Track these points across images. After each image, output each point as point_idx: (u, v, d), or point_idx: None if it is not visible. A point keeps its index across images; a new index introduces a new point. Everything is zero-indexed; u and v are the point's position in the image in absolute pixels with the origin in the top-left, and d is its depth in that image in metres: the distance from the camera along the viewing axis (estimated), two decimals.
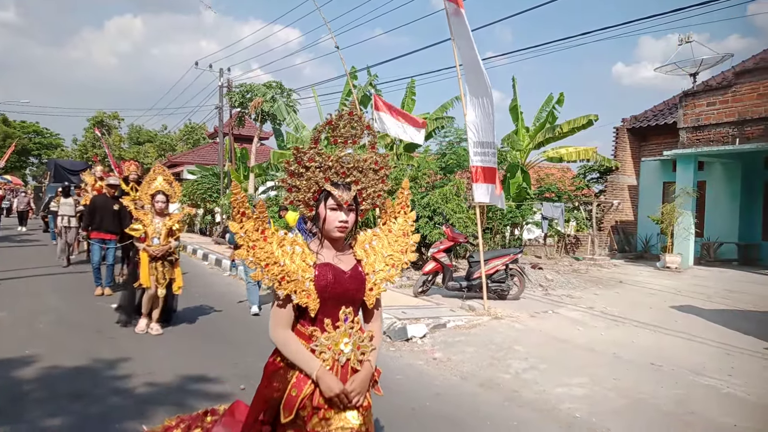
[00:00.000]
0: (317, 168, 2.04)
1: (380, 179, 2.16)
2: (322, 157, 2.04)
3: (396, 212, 2.30)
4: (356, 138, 2.10)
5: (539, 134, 16.10)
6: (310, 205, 2.08)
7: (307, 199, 2.06)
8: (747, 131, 12.86)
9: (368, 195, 2.13)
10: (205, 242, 17.64)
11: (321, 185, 2.04)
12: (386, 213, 2.29)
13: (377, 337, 2.15)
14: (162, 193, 6.11)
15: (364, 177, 2.10)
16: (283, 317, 2.01)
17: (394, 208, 2.29)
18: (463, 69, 7.70)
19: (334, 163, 2.04)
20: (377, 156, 2.15)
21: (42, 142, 51.23)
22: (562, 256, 15.69)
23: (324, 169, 2.04)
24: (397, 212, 2.30)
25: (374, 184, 2.14)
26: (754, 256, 14.42)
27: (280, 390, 1.99)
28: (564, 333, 6.79)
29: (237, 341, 6.04)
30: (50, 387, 4.42)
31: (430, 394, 4.55)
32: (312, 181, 2.05)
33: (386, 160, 2.18)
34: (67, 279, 9.85)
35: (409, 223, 2.30)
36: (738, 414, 4.29)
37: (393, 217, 2.29)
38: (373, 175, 2.14)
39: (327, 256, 2.06)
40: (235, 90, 20.43)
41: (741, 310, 8.52)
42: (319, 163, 2.04)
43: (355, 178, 2.08)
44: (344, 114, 2.09)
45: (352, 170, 2.07)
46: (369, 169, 2.12)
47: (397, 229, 2.26)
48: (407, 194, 2.34)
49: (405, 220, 2.29)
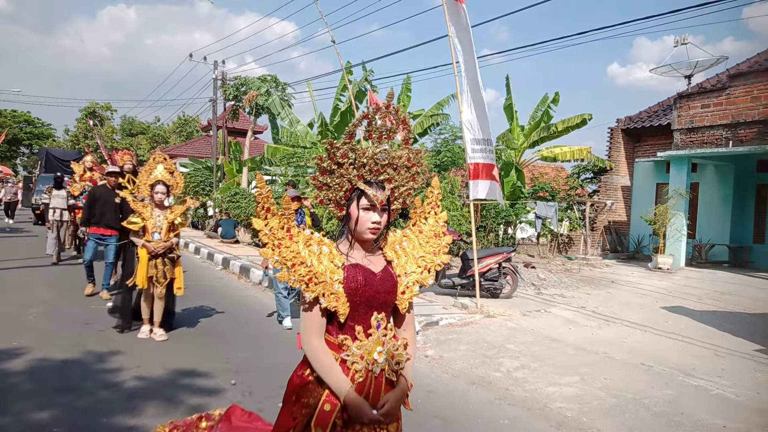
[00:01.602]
0: (350, 165, 1.90)
1: (411, 176, 2.03)
2: (356, 153, 1.90)
3: (426, 212, 2.19)
4: (392, 133, 1.97)
5: (534, 133, 16.14)
6: (341, 204, 1.95)
7: (339, 197, 1.93)
8: (740, 134, 12.93)
9: (400, 194, 2.01)
10: (197, 236, 17.55)
11: (354, 183, 1.91)
12: (416, 213, 2.18)
13: (412, 345, 2.03)
14: (162, 183, 5.61)
15: (397, 175, 1.97)
16: (314, 324, 1.88)
17: (424, 208, 2.19)
18: (460, 65, 7.67)
19: (369, 159, 1.90)
20: (411, 152, 2.02)
21: (33, 131, 50.69)
22: (555, 256, 15.74)
23: (357, 166, 1.90)
24: (428, 212, 2.19)
25: (406, 182, 2.01)
26: (745, 258, 14.53)
27: (310, 406, 1.85)
28: (556, 332, 6.80)
29: (229, 336, 6.00)
30: (38, 379, 4.37)
31: (422, 392, 4.54)
32: (344, 179, 1.91)
33: (419, 156, 2.04)
34: (57, 271, 9.76)
35: (440, 223, 2.19)
36: (727, 415, 4.31)
37: (423, 218, 2.18)
38: (405, 172, 2.00)
39: (356, 257, 1.94)
40: (230, 83, 20.33)
41: (731, 311, 8.58)
42: (353, 159, 1.90)
43: (389, 176, 1.94)
44: (381, 107, 1.95)
45: (386, 168, 1.93)
46: (402, 167, 1.99)
47: (428, 230, 2.15)
48: (437, 194, 2.22)
49: (436, 220, 2.18)
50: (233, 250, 13.43)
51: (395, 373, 1.93)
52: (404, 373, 1.96)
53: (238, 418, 2.67)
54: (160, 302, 5.68)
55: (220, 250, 13.05)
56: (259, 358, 5.19)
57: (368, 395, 1.86)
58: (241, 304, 7.75)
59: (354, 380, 1.85)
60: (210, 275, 10.48)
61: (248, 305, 7.76)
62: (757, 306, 9.00)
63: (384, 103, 1.97)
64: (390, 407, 1.86)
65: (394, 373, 1.93)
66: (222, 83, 21.82)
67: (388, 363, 1.91)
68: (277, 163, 16.28)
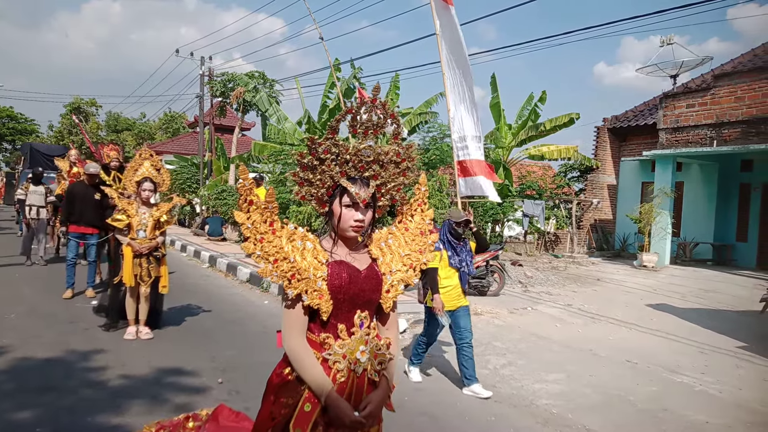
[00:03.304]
0: (333, 161, 1.84)
1: (401, 172, 1.98)
2: (339, 149, 1.84)
3: (413, 210, 2.13)
4: (379, 128, 1.90)
5: (522, 132, 16.21)
6: (323, 201, 1.89)
7: (321, 194, 1.88)
8: (724, 134, 13.10)
9: (387, 190, 1.95)
10: (184, 233, 17.40)
11: (336, 180, 1.85)
12: (402, 210, 2.12)
13: (395, 344, 1.99)
14: (149, 180, 5.50)
15: (384, 171, 1.91)
16: (296, 322, 1.81)
17: (411, 205, 2.12)
18: (448, 64, 7.67)
19: (352, 156, 1.84)
20: (400, 148, 1.96)
21: (16, 127, 49.86)
22: (542, 254, 15.84)
23: (340, 163, 1.85)
24: (414, 210, 2.13)
25: (394, 178, 1.96)
26: (728, 256, 14.74)
27: (289, 406, 1.79)
28: (542, 329, 6.85)
29: (215, 335, 5.95)
30: (20, 379, 4.30)
31: (409, 389, 4.55)
32: (326, 176, 1.85)
33: (410, 151, 1.98)
34: (39, 270, 9.60)
35: (427, 221, 2.13)
36: (710, 411, 4.37)
37: (410, 215, 2.12)
38: (393, 168, 1.95)
39: (340, 254, 1.88)
40: (217, 79, 20.13)
41: (715, 309, 8.70)
42: (335, 155, 1.84)
43: (375, 173, 1.88)
44: (366, 101, 1.89)
45: (372, 164, 1.87)
46: (390, 163, 1.92)
47: (414, 228, 2.09)
48: (424, 191, 2.16)
49: (422, 218, 2.13)
50: (220, 247, 13.34)
51: (377, 374, 1.89)
52: (387, 374, 1.92)
53: (225, 418, 2.64)
54: (145, 301, 5.60)
55: (207, 248, 12.94)
56: (245, 357, 5.16)
57: (350, 396, 1.82)
58: (227, 302, 7.70)
59: (335, 380, 1.80)
60: (196, 273, 10.39)
61: (235, 303, 7.70)
62: (739, 303, 9.13)
63: (370, 97, 1.91)
64: (372, 409, 1.81)
65: (376, 373, 1.89)
66: (209, 79, 21.62)
67: (370, 363, 1.86)
68: (265, 161, 16.18)
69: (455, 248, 4.75)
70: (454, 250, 4.74)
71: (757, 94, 12.48)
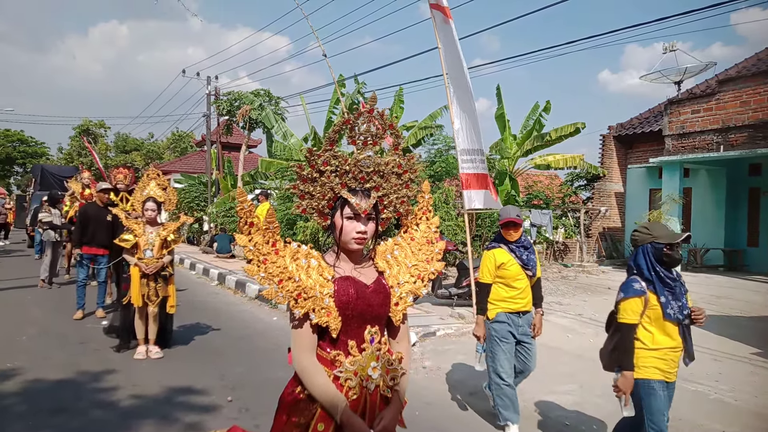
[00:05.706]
0: (332, 172, 1.82)
1: (404, 184, 1.94)
2: (339, 160, 1.82)
3: (418, 219, 2.09)
4: (377, 139, 1.88)
5: (527, 142, 16.21)
6: (324, 213, 1.87)
7: (321, 206, 1.85)
8: (731, 138, 13.04)
9: (390, 202, 1.91)
10: (193, 251, 17.48)
11: (337, 192, 1.83)
12: (407, 220, 2.08)
13: (406, 358, 1.94)
14: (152, 199, 5.52)
15: (385, 182, 1.88)
16: (305, 341, 1.78)
17: (415, 214, 2.08)
18: (449, 78, 7.72)
19: (352, 167, 1.82)
20: (401, 158, 1.94)
21: (27, 150, 50.60)
22: (551, 263, 15.74)
23: (340, 174, 1.82)
24: (419, 219, 2.09)
25: (397, 190, 1.92)
26: (739, 261, 14.58)
27: (301, 426, 1.77)
28: (553, 340, 6.78)
29: (224, 352, 5.96)
30: (32, 400, 4.33)
31: (420, 403, 4.51)
32: (327, 187, 1.83)
33: (411, 162, 1.95)
34: (50, 292, 9.66)
35: (432, 229, 2.09)
36: (725, 419, 4.31)
37: (415, 224, 2.08)
38: (396, 179, 1.91)
39: (345, 269, 1.85)
40: (223, 98, 20.36)
41: (728, 315, 8.58)
42: (335, 166, 1.82)
43: (376, 184, 1.85)
44: (363, 112, 1.87)
45: (372, 175, 1.84)
46: (391, 174, 1.90)
47: (420, 237, 2.05)
48: (428, 198, 2.11)
49: (428, 226, 2.08)
50: (229, 265, 13.38)
51: (390, 389, 1.87)
52: (399, 389, 1.90)
53: None
54: (154, 321, 5.61)
55: (216, 265, 12.99)
56: (255, 374, 5.16)
57: (363, 413, 1.80)
58: (236, 319, 7.71)
59: (348, 397, 1.77)
60: (205, 291, 10.43)
61: (244, 320, 7.72)
62: (753, 309, 9.01)
63: (367, 107, 1.88)
64: (386, 424, 1.79)
65: (389, 389, 1.86)
66: (215, 98, 21.88)
67: (382, 378, 1.84)
68: (272, 177, 16.29)
69: (673, 288, 3.05)
70: (671, 291, 3.04)
71: (762, 98, 12.42)
